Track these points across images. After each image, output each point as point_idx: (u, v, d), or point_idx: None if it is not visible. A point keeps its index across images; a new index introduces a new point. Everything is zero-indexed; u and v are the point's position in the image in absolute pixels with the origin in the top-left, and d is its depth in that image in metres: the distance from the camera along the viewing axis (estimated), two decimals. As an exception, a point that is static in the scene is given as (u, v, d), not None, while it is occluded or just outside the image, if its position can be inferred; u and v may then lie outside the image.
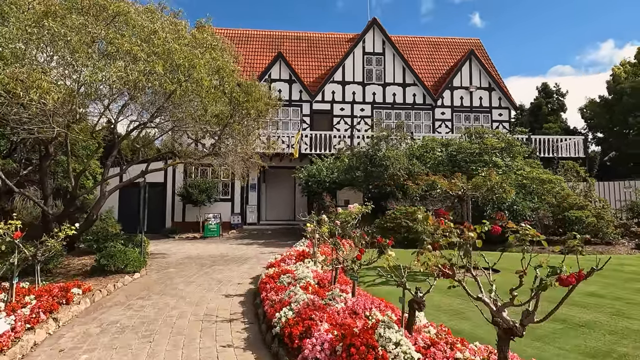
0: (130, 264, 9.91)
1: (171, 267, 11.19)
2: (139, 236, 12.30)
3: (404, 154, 15.63)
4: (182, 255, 13.29)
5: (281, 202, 22.97)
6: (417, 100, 22.94)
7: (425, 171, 15.51)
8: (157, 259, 12.44)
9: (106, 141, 13.63)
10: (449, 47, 26.74)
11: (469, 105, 23.39)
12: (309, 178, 17.76)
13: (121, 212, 19.85)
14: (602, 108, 30.76)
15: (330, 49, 25.18)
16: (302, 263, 8.64)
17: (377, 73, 22.98)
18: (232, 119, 10.19)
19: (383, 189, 15.57)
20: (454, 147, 15.99)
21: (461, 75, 23.50)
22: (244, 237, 17.94)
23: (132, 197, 19.97)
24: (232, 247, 15.19)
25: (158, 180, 20.14)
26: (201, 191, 18.90)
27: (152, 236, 18.04)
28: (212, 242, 16.61)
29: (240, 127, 10.46)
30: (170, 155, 16.95)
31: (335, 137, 20.92)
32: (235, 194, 20.74)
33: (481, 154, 15.23)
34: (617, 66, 30.70)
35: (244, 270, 10.69)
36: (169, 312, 6.98)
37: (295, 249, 10.85)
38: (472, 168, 15.08)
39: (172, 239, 17.81)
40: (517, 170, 15.04)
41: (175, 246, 15.61)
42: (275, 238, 17.60)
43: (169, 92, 8.88)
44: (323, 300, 5.63)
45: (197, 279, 9.65)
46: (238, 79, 9.78)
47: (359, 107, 22.66)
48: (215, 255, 13.26)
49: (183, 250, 14.36)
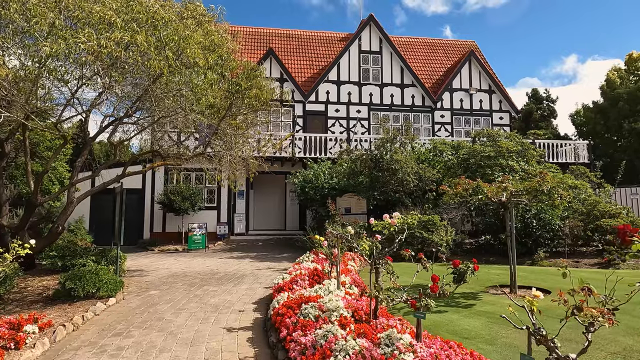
0: (104, 286, 8.06)
1: (153, 288, 9.35)
2: (114, 250, 10.44)
3: (412, 158, 14.21)
4: (165, 272, 11.42)
5: (271, 211, 21.23)
6: (416, 102, 21.68)
7: (436, 176, 14.13)
8: (135, 278, 10.56)
9: (76, 141, 11.72)
10: (444, 49, 25.71)
11: (469, 108, 22.28)
12: (305, 184, 16.14)
13: (94, 222, 17.74)
14: (596, 114, 30.29)
15: (321, 48, 23.74)
16: (320, 286, 7.00)
17: (374, 73, 21.64)
18: (230, 110, 8.50)
19: (390, 196, 14.08)
20: (465, 150, 14.67)
21: (460, 76, 22.41)
22: (233, 250, 16.12)
23: (106, 204, 17.93)
24: (222, 261, 13.38)
25: (135, 186, 18.15)
26: (184, 198, 17.02)
27: (129, 249, 16.02)
28: (197, 256, 14.75)
29: (238, 122, 8.78)
30: (150, 157, 15.09)
31: (331, 140, 19.40)
32: (222, 202, 18.91)
33: (496, 158, 13.94)
34: (612, 71, 30.35)
35: (242, 291, 8.96)
36: (156, 356, 5.23)
37: (304, 267, 9.19)
38: (487, 172, 13.77)
39: (152, 252, 15.84)
40: (535, 174, 13.79)
41: (156, 261, 13.69)
42: (268, 250, 15.86)
43: (153, 75, 7.17)
44: (381, 349, 4.01)
45: (187, 304, 7.87)
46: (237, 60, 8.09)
47: (355, 108, 21.23)
48: (204, 272, 11.45)
49: (165, 266, 12.47)
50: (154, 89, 7.24)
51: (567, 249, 12.05)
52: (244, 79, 8.17)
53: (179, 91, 7.76)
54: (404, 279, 10.12)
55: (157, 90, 7.88)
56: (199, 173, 18.78)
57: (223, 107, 8.31)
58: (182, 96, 8.00)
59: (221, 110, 8.31)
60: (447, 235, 12.37)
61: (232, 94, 8.15)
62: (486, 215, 13.30)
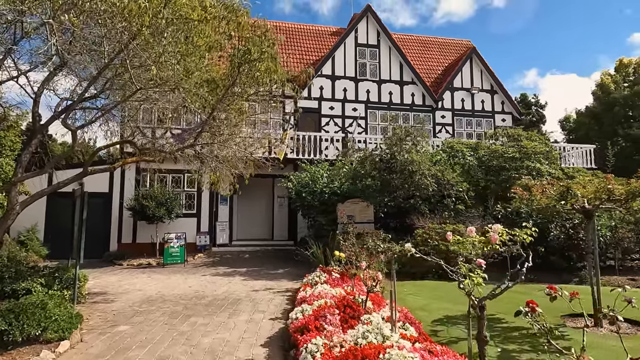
0: (53, 325, 5.80)
1: (123, 321, 7.10)
2: (72, 270, 8.12)
3: (428, 159, 12.44)
4: (138, 295, 9.12)
5: (257, 218, 19.05)
6: (416, 101, 20.05)
7: (456, 179, 12.38)
8: (99, 305, 8.24)
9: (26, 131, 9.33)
10: (440, 47, 24.33)
11: (470, 109, 20.84)
12: (301, 188, 14.09)
13: (50, 231, 15.13)
14: (590, 119, 29.60)
15: (312, 43, 21.85)
16: (366, 328, 4.98)
17: (372, 68, 19.89)
18: (232, 89, 6.40)
19: (403, 202, 12.24)
20: (485, 150, 13.02)
21: (462, 75, 20.97)
22: (218, 264, 13.86)
23: (66, 210, 15.40)
24: (207, 280, 11.14)
25: (101, 189, 15.65)
26: (159, 204, 14.64)
27: (92, 263, 13.54)
28: (175, 272, 12.44)
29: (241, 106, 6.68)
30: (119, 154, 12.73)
31: (326, 140, 17.46)
32: (203, 208, 16.62)
33: (521, 159, 12.34)
34: (606, 76, 29.78)
35: (241, 325, 6.84)
36: None
37: (323, 292, 7.14)
38: (513, 176, 12.14)
39: (120, 268, 13.40)
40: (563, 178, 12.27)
41: (125, 279, 11.32)
42: (259, 264, 13.69)
43: (129, 31, 5.04)
44: None
45: (171, 348, 5.70)
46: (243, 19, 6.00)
47: (351, 106, 19.39)
48: (187, 294, 9.22)
49: (138, 287, 10.15)
50: (132, 48, 5.09)
51: (618, 263, 10.53)
52: (257, 41, 6.07)
53: (160, 58, 5.61)
54: (442, 304, 8.21)
55: (133, 59, 5.72)
56: (177, 175, 16.45)
57: (223, 84, 6.21)
58: (167, 68, 5.86)
59: (219, 88, 6.22)
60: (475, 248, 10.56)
61: (236, 66, 6.05)
62: (516, 225, 11.58)
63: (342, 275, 8.97)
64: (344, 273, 9.10)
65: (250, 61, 5.96)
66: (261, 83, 6.54)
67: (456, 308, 7.61)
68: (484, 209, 11.93)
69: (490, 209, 11.87)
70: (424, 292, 9.16)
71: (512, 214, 11.69)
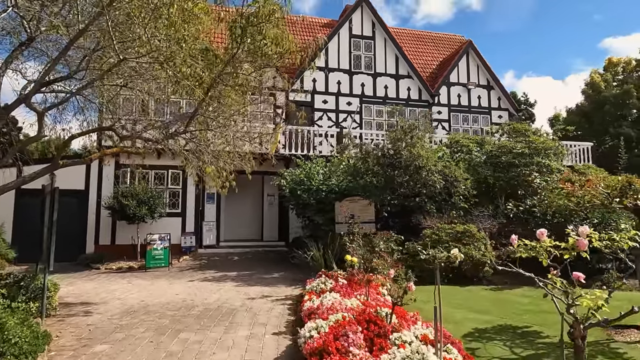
0: (12, 348, 4.73)
1: (101, 338, 6.04)
2: (40, 278, 7.01)
3: (434, 153, 11.64)
4: (118, 306, 8.03)
5: (246, 218, 18.00)
6: (412, 95, 19.29)
7: (464, 176, 11.61)
8: (72, 319, 7.13)
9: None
10: (434, 42, 23.67)
11: (467, 105, 20.20)
12: (296, 186, 13.12)
13: (18, 232, 13.79)
14: (580, 117, 29.42)
15: (302, 34, 20.81)
16: (395, 347, 4.07)
17: (367, 61, 19.04)
18: (232, 62, 5.36)
19: (408, 200, 11.41)
20: (492, 146, 12.30)
21: (458, 70, 20.32)
22: (205, 267, 12.79)
23: (36, 208, 14.12)
24: (195, 286, 10.10)
25: (76, 186, 14.39)
26: (141, 202, 13.45)
27: (66, 267, 12.34)
28: (159, 277, 11.34)
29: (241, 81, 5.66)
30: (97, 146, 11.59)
31: (320, 135, 16.54)
32: (188, 207, 15.48)
33: (531, 156, 11.65)
34: (597, 74, 29.64)
35: (240, 341, 5.87)
36: None
37: (335, 301, 6.22)
38: (524, 172, 11.43)
39: (97, 272, 12.21)
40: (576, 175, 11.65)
41: (104, 285, 10.17)
42: (250, 268, 12.68)
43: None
44: None
45: (160, 378, 4.70)
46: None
47: (346, 100, 18.50)
48: (174, 304, 8.17)
49: (118, 295, 9.04)
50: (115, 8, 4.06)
51: None
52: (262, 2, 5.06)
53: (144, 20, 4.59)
54: (466, 314, 7.23)
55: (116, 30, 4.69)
56: (160, 171, 15.28)
57: (221, 60, 5.19)
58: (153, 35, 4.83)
59: (218, 61, 5.19)
60: (489, 251, 9.82)
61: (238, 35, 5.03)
62: (531, 225, 10.80)
63: (350, 281, 8.07)
64: (351, 279, 8.21)
65: (255, 24, 4.95)
66: (268, 56, 5.54)
67: (482, 318, 6.80)
68: (494, 207, 11.20)
69: (501, 208, 11.15)
70: (440, 299, 8.32)
71: (524, 213, 10.99)
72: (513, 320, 6.57)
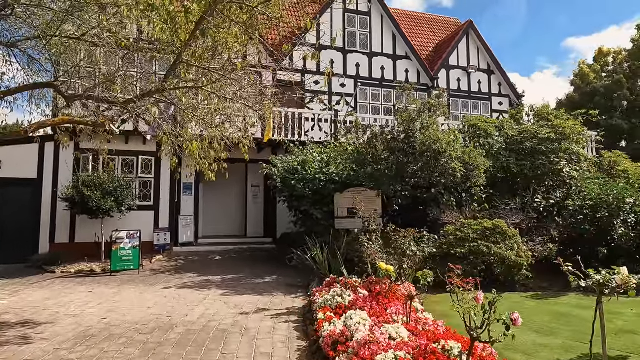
0: None
1: (38, 388, 4.20)
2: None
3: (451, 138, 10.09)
4: (71, 327, 6.13)
5: (227, 211, 16.18)
6: (410, 78, 17.72)
7: (487, 163, 10.13)
8: (4, 349, 5.22)
9: None
10: (429, 24, 22.22)
11: (467, 90, 18.85)
12: (288, 175, 11.39)
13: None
14: (571, 109, 28.63)
15: (289, 10, 18.95)
16: None
17: (362, 39, 17.35)
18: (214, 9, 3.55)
19: (420, 192, 9.87)
20: (513, 130, 10.88)
21: (458, 52, 18.90)
22: (183, 269, 10.93)
23: (-24, 202, 12.06)
24: (172, 295, 8.26)
25: (27, 174, 12.25)
26: (106, 194, 11.43)
27: (13, 271, 10.33)
28: (128, 282, 9.44)
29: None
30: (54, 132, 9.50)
31: (312, 119, 14.82)
32: (162, 199, 13.51)
33: (559, 141, 10.29)
34: (586, 65, 28.91)
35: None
36: None
37: (374, 332, 4.56)
38: (553, 160, 10.06)
39: (51, 276, 10.18)
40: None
41: (56, 296, 8.20)
42: (237, 270, 10.90)
43: None
44: None
45: None
46: None
47: (339, 81, 16.80)
48: (146, 323, 6.34)
49: (72, 309, 7.13)
50: None
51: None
52: None
53: None
54: (532, 337, 5.35)
55: None
56: (129, 158, 13.26)
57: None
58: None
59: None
60: (523, 251, 8.37)
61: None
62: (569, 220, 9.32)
63: (370, 291, 6.45)
64: (370, 288, 6.59)
65: None
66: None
67: (555, 342, 5.25)
68: (520, 200, 9.80)
69: (530, 200, 9.75)
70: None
71: (554, 206, 9.61)
72: (596, 346, 5.09)
